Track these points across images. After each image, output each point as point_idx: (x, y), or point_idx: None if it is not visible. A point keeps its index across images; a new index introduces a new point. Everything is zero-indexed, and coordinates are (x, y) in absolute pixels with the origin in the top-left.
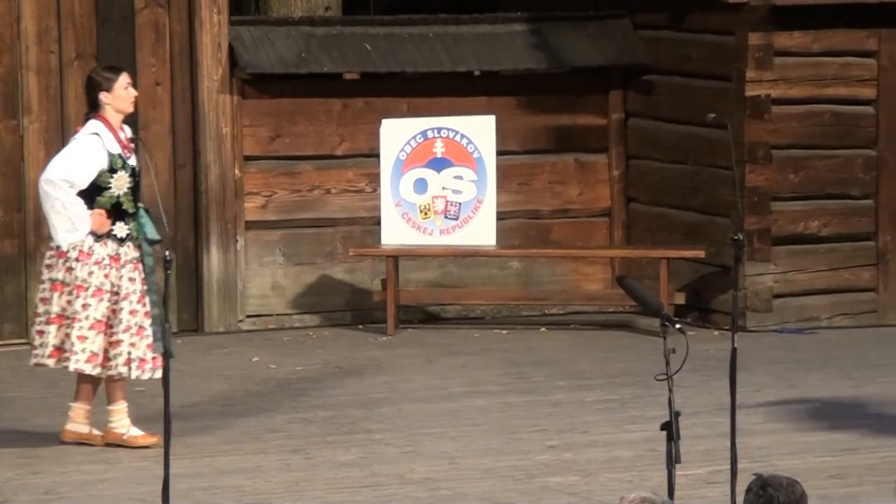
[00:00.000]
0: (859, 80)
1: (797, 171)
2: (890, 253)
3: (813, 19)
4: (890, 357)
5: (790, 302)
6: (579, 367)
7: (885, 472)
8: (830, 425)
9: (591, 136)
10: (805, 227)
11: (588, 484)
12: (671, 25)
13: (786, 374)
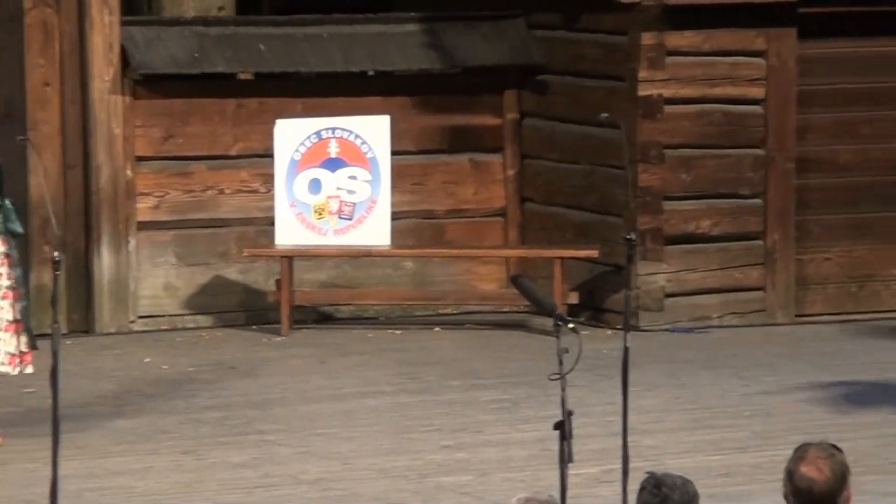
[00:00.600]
0: (748, 80)
1: (689, 170)
2: (778, 252)
3: (704, 19)
4: (777, 356)
5: (681, 301)
6: (473, 366)
7: (773, 470)
8: (720, 424)
9: (486, 135)
10: (696, 226)
11: (481, 483)
12: (565, 25)
13: (677, 373)
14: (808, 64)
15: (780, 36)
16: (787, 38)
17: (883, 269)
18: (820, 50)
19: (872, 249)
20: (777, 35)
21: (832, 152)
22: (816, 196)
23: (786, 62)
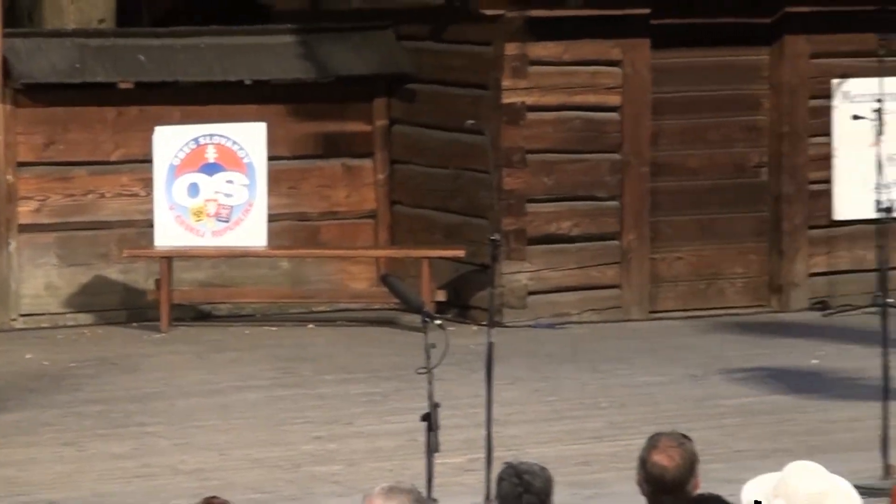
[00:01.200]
0: (606, 89)
1: (550, 174)
2: (633, 252)
3: (564, 31)
4: (632, 350)
5: (543, 298)
6: (345, 361)
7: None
8: (579, 415)
9: (357, 141)
10: (557, 227)
11: (351, 473)
12: (432, 37)
13: (539, 366)
14: (660, 73)
15: (634, 46)
16: (641, 48)
17: (728, 268)
18: (672, 60)
19: (719, 249)
20: (632, 46)
21: (683, 157)
22: (668, 198)
23: (640, 71)
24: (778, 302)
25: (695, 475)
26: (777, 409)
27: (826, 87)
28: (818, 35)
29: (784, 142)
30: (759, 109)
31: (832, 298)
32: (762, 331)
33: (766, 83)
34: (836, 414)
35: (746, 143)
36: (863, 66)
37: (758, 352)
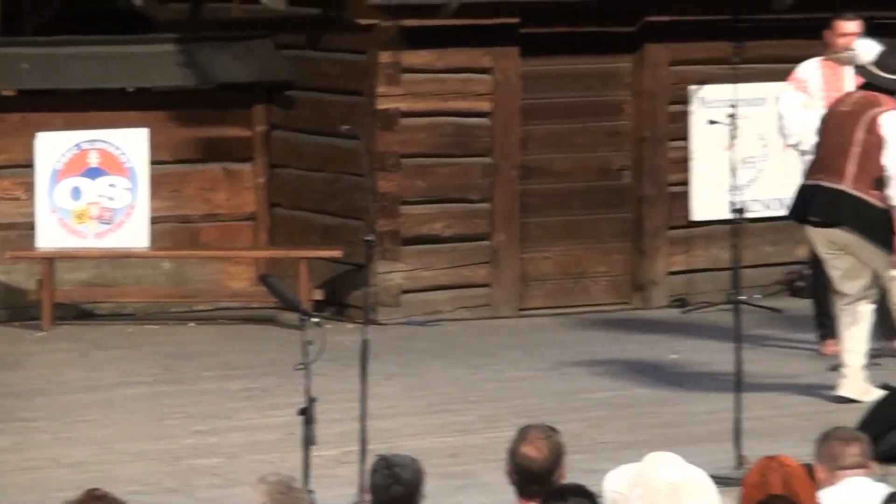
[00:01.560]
0: (477, 95)
1: (423, 177)
2: (502, 252)
3: (436, 39)
4: (502, 346)
5: (416, 297)
6: (225, 358)
7: (497, 451)
8: (450, 409)
9: (237, 146)
10: (430, 228)
11: (231, 465)
12: (309, 45)
13: (412, 362)
14: (529, 80)
15: (504, 54)
16: (510, 56)
17: (593, 267)
18: (540, 67)
19: (584, 249)
20: (502, 54)
21: (550, 160)
22: (537, 200)
23: (510, 78)
24: (640, 299)
25: (561, 466)
26: (638, 402)
27: (684, 93)
28: (677, 43)
29: (645, 146)
30: (622, 115)
31: (690, 296)
32: (625, 327)
33: (628, 90)
34: (692, 407)
35: (610, 148)
36: (718, 72)
37: (620, 347)
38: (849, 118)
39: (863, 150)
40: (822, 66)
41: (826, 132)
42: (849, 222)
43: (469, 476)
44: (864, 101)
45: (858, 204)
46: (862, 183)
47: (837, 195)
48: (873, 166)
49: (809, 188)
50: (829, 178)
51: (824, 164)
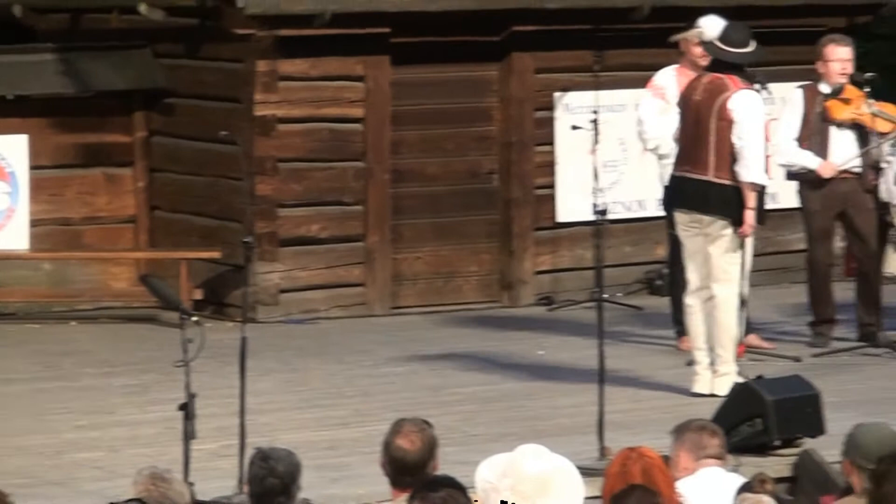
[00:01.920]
0: (350, 102)
1: (299, 181)
2: (376, 252)
3: (311, 49)
4: (376, 343)
5: (294, 296)
6: (106, 356)
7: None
8: (326, 404)
9: (117, 152)
10: (307, 230)
11: (113, 458)
12: (187, 54)
13: (289, 359)
14: (400, 87)
15: (376, 63)
16: (382, 65)
17: (463, 267)
18: (410, 75)
19: (455, 249)
20: (373, 62)
21: (421, 164)
22: (409, 203)
23: (381, 86)
24: (508, 298)
25: (434, 458)
26: (507, 396)
27: (549, 100)
28: (541, 52)
29: (512, 150)
30: (490, 121)
31: (556, 294)
32: (494, 324)
33: (495, 96)
34: (559, 400)
35: (479, 152)
36: (580, 80)
37: (490, 344)
38: (702, 107)
39: (718, 139)
40: (678, 73)
41: (684, 122)
42: (716, 211)
43: (345, 468)
44: (713, 88)
45: (724, 191)
46: (723, 171)
47: (704, 186)
48: (729, 150)
49: (678, 179)
50: (694, 170)
51: (689, 156)
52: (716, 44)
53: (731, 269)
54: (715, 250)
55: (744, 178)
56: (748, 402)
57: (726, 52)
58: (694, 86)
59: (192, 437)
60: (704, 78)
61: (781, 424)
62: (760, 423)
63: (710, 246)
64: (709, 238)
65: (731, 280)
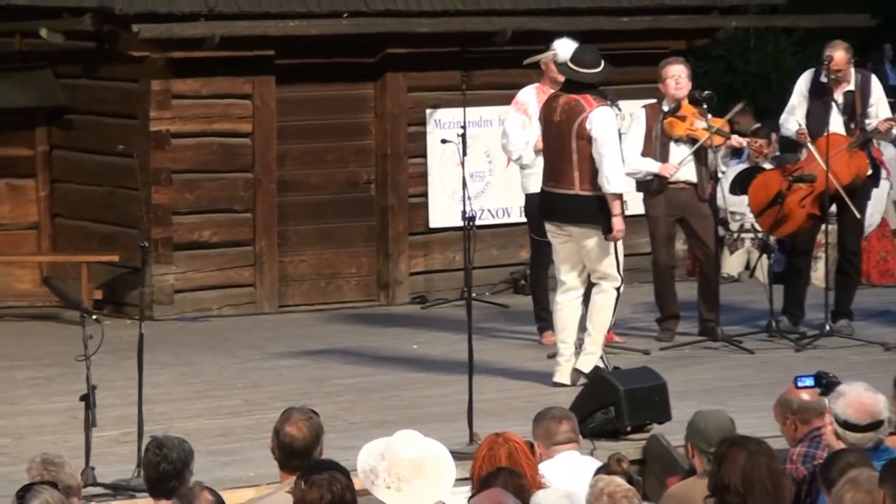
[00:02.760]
0: (239, 118)
1: (192, 190)
2: (264, 256)
3: (202, 69)
4: (264, 339)
5: (188, 296)
6: (11, 351)
7: (260, 430)
8: (218, 394)
9: (21, 164)
10: (199, 235)
11: (18, 445)
12: (86, 75)
13: (184, 354)
14: (285, 104)
15: (262, 83)
16: (268, 84)
17: (344, 269)
18: (294, 93)
19: (336, 253)
20: (260, 82)
21: (305, 175)
22: (294, 211)
23: (268, 103)
24: (385, 297)
25: (320, 444)
26: (385, 386)
27: (421, 116)
28: (413, 72)
29: (388, 162)
30: (367, 135)
31: (429, 293)
32: (372, 321)
33: (372, 113)
34: (432, 390)
35: (357, 164)
36: (449, 98)
37: (368, 339)
38: (563, 128)
39: (580, 156)
40: (539, 90)
41: (547, 141)
42: (584, 221)
43: (236, 453)
44: (570, 109)
45: (590, 202)
46: (587, 184)
47: (572, 199)
48: (591, 165)
49: (547, 193)
50: (561, 185)
51: (555, 172)
52: (568, 65)
53: (609, 270)
54: (588, 257)
55: (607, 189)
56: (602, 391)
57: (578, 72)
58: (552, 107)
59: (94, 425)
60: (561, 99)
61: (632, 412)
62: (613, 410)
63: (583, 252)
64: (581, 246)
65: (611, 277)
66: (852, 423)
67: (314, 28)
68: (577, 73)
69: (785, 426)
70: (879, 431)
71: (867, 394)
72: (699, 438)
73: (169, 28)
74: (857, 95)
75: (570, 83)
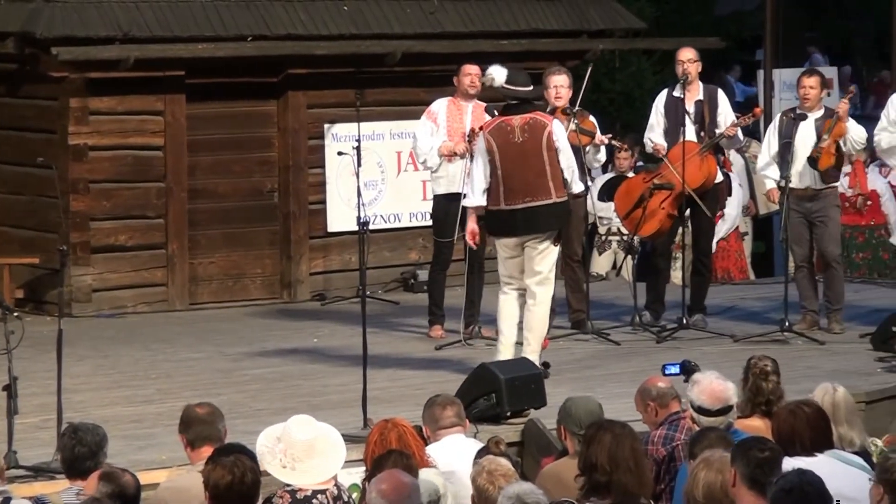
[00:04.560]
0: (152, 132)
1: (109, 199)
2: (176, 258)
3: (117, 88)
4: (176, 334)
5: (105, 295)
6: None
7: (171, 417)
8: (133, 384)
9: None
10: (116, 239)
11: None
12: (9, 94)
13: (102, 347)
14: (195, 120)
15: (173, 100)
16: (178, 101)
17: (250, 270)
18: (203, 110)
19: (243, 255)
20: (171, 99)
21: (214, 184)
22: (203, 217)
23: (178, 119)
24: (287, 295)
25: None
26: (286, 377)
27: (320, 130)
28: (312, 91)
29: (290, 172)
30: (271, 148)
31: (327, 292)
32: (276, 317)
33: (275, 128)
34: (330, 380)
35: (262, 174)
36: (345, 114)
37: (273, 333)
38: (529, 144)
39: (551, 166)
40: (451, 102)
41: (505, 163)
42: (548, 227)
43: (150, 437)
44: (531, 128)
45: (561, 207)
46: (560, 190)
47: (548, 208)
48: (560, 172)
49: (515, 211)
50: (537, 198)
51: (526, 187)
52: (507, 87)
53: (550, 275)
54: (540, 261)
55: (573, 190)
56: (485, 380)
57: (519, 91)
58: (507, 130)
59: (16, 412)
60: (514, 121)
61: (511, 398)
62: (495, 397)
63: (537, 257)
64: (535, 252)
65: (550, 283)
66: (705, 409)
67: (221, 50)
68: (519, 92)
69: (646, 412)
70: (729, 416)
71: (718, 381)
72: (570, 422)
73: (86, 51)
74: (705, 106)
75: (511, 104)
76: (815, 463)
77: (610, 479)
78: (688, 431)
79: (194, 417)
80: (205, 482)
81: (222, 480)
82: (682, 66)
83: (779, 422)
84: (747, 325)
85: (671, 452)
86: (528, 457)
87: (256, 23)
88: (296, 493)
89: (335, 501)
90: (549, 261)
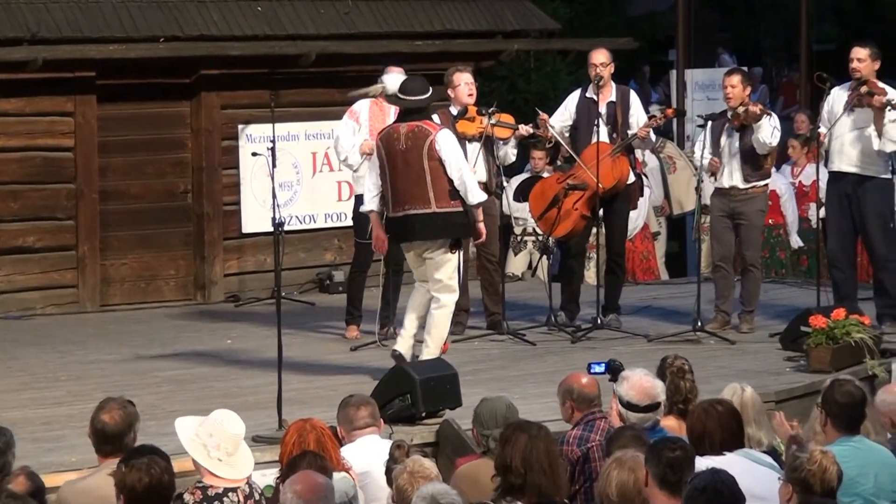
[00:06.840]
0: (62, 133)
1: (17, 200)
2: (87, 259)
3: (26, 89)
4: (87, 335)
5: (12, 296)
6: None
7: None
8: (42, 386)
9: None
10: (24, 241)
11: None
12: None
13: (9, 349)
14: (106, 121)
15: (84, 101)
16: (89, 102)
17: (164, 271)
18: (115, 111)
19: (156, 256)
20: (82, 101)
21: (126, 186)
22: (115, 218)
23: (89, 120)
24: (201, 296)
25: (133, 431)
26: (201, 378)
27: (233, 131)
28: (226, 91)
29: (203, 173)
30: (184, 149)
31: (242, 293)
32: (189, 318)
33: (188, 128)
34: (244, 381)
35: (175, 175)
36: (259, 114)
37: (187, 335)
38: (411, 153)
39: (433, 177)
40: (373, 103)
41: (392, 168)
42: (440, 235)
43: (60, 440)
44: (414, 136)
45: (447, 217)
46: (443, 200)
47: (428, 217)
48: (444, 183)
49: (400, 218)
50: (416, 206)
51: (407, 196)
52: (399, 96)
53: (451, 282)
54: (435, 269)
55: (471, 202)
56: (400, 380)
57: (408, 100)
58: (394, 137)
59: None
60: (402, 129)
61: (427, 399)
62: (410, 398)
63: (432, 266)
64: (431, 260)
65: (452, 289)
66: (634, 405)
67: (133, 51)
68: (407, 101)
69: (564, 408)
70: (657, 413)
71: (647, 378)
72: (477, 423)
73: None
74: (618, 107)
75: (404, 112)
76: (725, 462)
77: (524, 480)
78: (603, 432)
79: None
80: (118, 485)
81: (139, 483)
82: (595, 69)
83: (692, 421)
84: (661, 324)
85: (586, 453)
86: (443, 457)
87: (169, 23)
88: (207, 490)
89: (246, 500)
90: (447, 269)
